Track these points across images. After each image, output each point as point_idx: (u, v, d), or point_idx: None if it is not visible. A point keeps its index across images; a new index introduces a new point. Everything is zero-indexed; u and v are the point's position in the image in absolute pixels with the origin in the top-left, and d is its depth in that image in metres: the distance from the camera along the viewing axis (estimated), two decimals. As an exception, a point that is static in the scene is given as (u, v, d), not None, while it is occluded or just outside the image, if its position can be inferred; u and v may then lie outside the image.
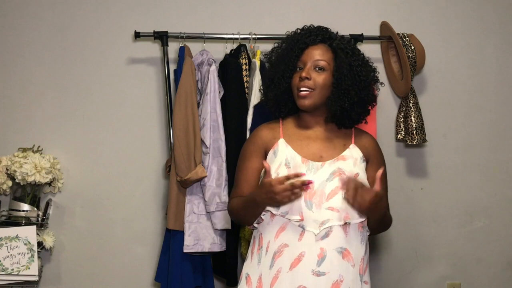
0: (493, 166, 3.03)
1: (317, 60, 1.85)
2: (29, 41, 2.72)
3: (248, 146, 1.91)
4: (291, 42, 1.89)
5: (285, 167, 1.79)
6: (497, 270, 3.05)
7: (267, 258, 1.78)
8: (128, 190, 2.79)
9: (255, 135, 1.91)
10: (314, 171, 1.79)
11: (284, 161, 1.81)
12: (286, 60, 1.87)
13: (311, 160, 1.82)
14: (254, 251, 1.84)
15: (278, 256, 1.76)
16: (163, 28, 2.61)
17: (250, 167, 1.87)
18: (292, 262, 1.74)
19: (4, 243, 2.50)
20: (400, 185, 2.97)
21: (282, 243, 1.76)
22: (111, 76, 2.77)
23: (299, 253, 1.74)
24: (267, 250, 1.78)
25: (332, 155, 1.84)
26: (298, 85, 1.84)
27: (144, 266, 2.81)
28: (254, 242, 1.86)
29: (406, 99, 2.81)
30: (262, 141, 1.88)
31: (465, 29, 2.98)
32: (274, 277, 1.75)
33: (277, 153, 1.84)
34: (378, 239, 2.97)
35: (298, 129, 1.90)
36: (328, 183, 1.77)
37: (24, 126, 2.73)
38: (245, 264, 1.87)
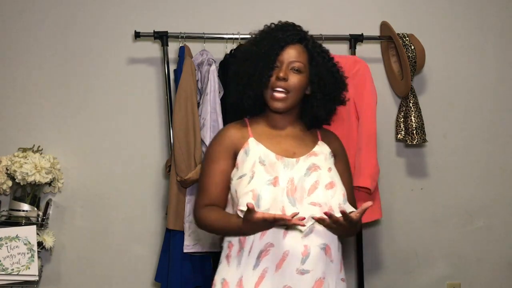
0: (493, 166, 3.03)
1: (294, 61, 1.80)
2: (29, 41, 2.72)
3: (215, 147, 1.83)
4: (269, 38, 1.82)
5: (260, 164, 1.76)
6: (497, 270, 3.05)
7: (250, 259, 1.72)
8: (128, 190, 2.79)
9: (222, 136, 1.84)
10: (291, 167, 1.78)
11: (258, 159, 1.77)
12: (265, 57, 1.79)
13: (285, 157, 1.80)
14: (232, 254, 1.77)
15: (265, 255, 1.71)
16: (163, 28, 2.61)
17: (218, 170, 1.80)
18: (277, 262, 1.70)
19: (4, 243, 2.50)
20: (400, 185, 2.97)
21: (268, 242, 1.71)
22: (111, 76, 2.77)
23: (283, 252, 1.70)
24: (250, 251, 1.72)
25: (304, 151, 1.83)
26: (273, 85, 1.79)
27: (144, 266, 2.81)
28: (231, 245, 1.78)
29: (406, 99, 2.81)
30: (230, 141, 1.82)
31: (465, 29, 2.98)
32: (260, 277, 1.70)
33: (248, 152, 1.79)
34: (378, 239, 2.97)
35: (267, 128, 1.87)
36: (307, 178, 1.76)
37: (24, 126, 2.73)
38: (220, 269, 1.79)
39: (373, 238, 2.96)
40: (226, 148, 1.81)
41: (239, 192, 1.73)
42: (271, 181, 1.72)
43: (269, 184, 1.71)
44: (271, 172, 1.74)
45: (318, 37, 2.69)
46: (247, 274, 1.71)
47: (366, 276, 2.88)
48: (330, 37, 2.73)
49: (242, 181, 1.74)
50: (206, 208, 1.80)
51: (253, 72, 1.80)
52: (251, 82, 1.81)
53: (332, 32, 2.76)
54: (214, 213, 1.78)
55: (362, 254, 2.81)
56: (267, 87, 1.80)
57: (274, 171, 1.75)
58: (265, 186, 1.71)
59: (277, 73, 1.78)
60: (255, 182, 1.72)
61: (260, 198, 1.69)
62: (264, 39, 1.83)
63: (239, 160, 1.79)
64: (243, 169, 1.77)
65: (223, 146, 1.81)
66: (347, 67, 2.65)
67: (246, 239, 1.73)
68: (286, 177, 1.74)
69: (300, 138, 1.88)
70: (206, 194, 1.80)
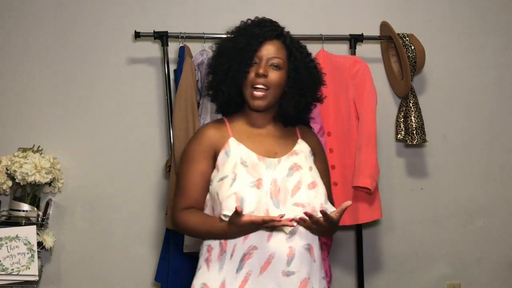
0: (493, 166, 3.03)
1: (273, 57, 1.76)
2: (29, 41, 2.72)
3: (193, 148, 1.77)
4: (246, 34, 1.77)
5: (242, 166, 1.71)
6: (497, 270, 3.05)
7: (232, 262, 1.67)
8: (128, 190, 2.79)
9: (201, 136, 1.78)
10: (273, 167, 1.74)
11: (239, 160, 1.72)
12: (243, 53, 1.75)
13: (267, 157, 1.76)
14: (212, 258, 1.72)
15: (248, 258, 1.67)
16: (163, 28, 2.61)
17: (198, 171, 1.74)
18: (262, 265, 1.67)
19: (4, 243, 2.50)
20: (400, 185, 2.97)
21: (251, 244, 1.67)
22: (111, 76, 2.77)
23: (268, 255, 1.67)
24: (233, 254, 1.67)
25: (285, 151, 1.80)
26: (253, 82, 1.74)
27: (144, 266, 2.81)
28: (210, 249, 1.73)
29: (406, 99, 2.81)
30: (210, 141, 1.76)
31: (465, 29, 2.98)
32: (244, 280, 1.67)
33: (229, 153, 1.74)
34: (378, 239, 2.97)
35: (247, 127, 1.82)
36: (289, 178, 1.73)
37: (24, 126, 2.73)
38: (199, 274, 1.75)
39: (373, 238, 2.96)
40: (206, 148, 1.75)
41: (222, 195, 1.67)
42: (254, 183, 1.68)
43: (252, 187, 1.67)
44: (253, 173, 1.70)
45: (318, 37, 2.70)
46: (230, 278, 1.68)
47: (366, 276, 2.88)
48: (330, 37, 2.74)
49: (224, 184, 1.68)
50: (186, 211, 1.74)
51: (229, 68, 1.75)
52: (226, 78, 1.76)
53: (332, 32, 2.77)
54: (196, 216, 1.73)
55: (362, 254, 2.81)
56: (246, 84, 1.76)
57: (256, 173, 1.71)
58: (249, 188, 1.67)
59: (257, 70, 1.74)
60: (237, 185, 1.67)
61: (243, 201, 1.64)
62: (241, 35, 1.78)
63: (220, 161, 1.74)
64: (224, 171, 1.71)
65: (203, 146, 1.75)
66: (347, 67, 2.67)
67: (227, 242, 1.68)
68: (269, 178, 1.71)
69: (280, 136, 1.84)
70: (185, 196, 1.74)
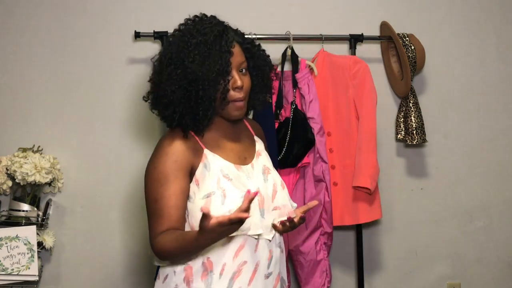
0: (493, 166, 3.03)
1: (240, 62, 1.60)
2: (29, 41, 2.72)
3: (168, 166, 1.57)
4: (215, 36, 1.58)
5: (226, 179, 1.59)
6: (497, 270, 3.05)
7: (222, 282, 1.58)
8: (128, 190, 2.79)
9: (174, 153, 1.58)
10: (250, 175, 1.66)
11: (221, 173, 1.60)
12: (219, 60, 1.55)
13: (242, 165, 1.66)
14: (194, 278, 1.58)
15: (237, 275, 1.59)
16: (163, 28, 2.61)
17: (177, 190, 1.56)
18: (250, 276, 1.61)
19: (4, 243, 2.50)
20: (400, 185, 2.97)
21: (241, 261, 1.60)
22: (111, 76, 2.77)
23: (255, 264, 1.62)
24: (222, 274, 1.58)
25: (252, 153, 1.72)
26: (232, 97, 1.58)
27: (144, 266, 2.81)
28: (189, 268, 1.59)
29: (406, 99, 2.81)
30: (185, 158, 1.58)
31: (465, 29, 2.98)
32: None
33: (209, 166, 1.60)
34: (378, 239, 2.97)
35: (213, 135, 1.66)
36: (267, 184, 1.68)
37: (24, 126, 2.73)
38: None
39: (373, 238, 2.96)
40: (183, 165, 1.57)
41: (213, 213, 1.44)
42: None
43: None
44: (240, 186, 1.61)
45: (318, 37, 2.70)
46: None
47: (366, 276, 2.88)
48: (330, 37, 2.74)
49: (213, 201, 1.56)
50: (162, 234, 1.55)
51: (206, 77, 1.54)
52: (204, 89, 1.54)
53: (332, 32, 2.77)
54: (169, 236, 1.53)
55: (362, 254, 2.81)
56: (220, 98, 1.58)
57: (242, 185, 1.61)
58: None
59: (234, 83, 1.58)
60: (230, 202, 1.56)
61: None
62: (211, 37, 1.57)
63: (199, 176, 1.59)
64: (207, 187, 1.58)
65: (178, 163, 1.57)
66: (347, 67, 2.67)
67: (213, 261, 1.58)
68: (254, 189, 1.59)
69: (240, 138, 1.73)
70: (165, 220, 1.55)
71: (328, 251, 2.68)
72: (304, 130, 2.56)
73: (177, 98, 1.57)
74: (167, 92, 1.57)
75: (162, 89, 1.59)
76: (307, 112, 2.58)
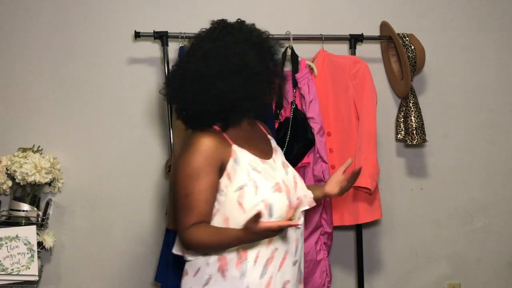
0: (493, 166, 3.03)
1: None
2: (29, 41, 2.72)
3: (199, 162, 1.66)
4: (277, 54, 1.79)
5: (255, 172, 1.71)
6: (497, 270, 3.05)
7: (256, 268, 1.69)
8: (128, 190, 2.79)
9: (205, 149, 1.67)
10: (274, 168, 1.79)
11: (249, 166, 1.71)
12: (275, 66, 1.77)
13: (266, 159, 1.78)
14: (229, 267, 1.70)
15: (270, 262, 1.71)
16: (163, 28, 2.61)
17: (208, 185, 1.66)
18: (280, 262, 1.73)
19: (4, 243, 2.50)
20: (400, 185, 2.97)
21: (273, 248, 1.71)
22: (111, 76, 2.77)
23: (284, 252, 1.73)
24: (257, 260, 1.69)
25: (271, 149, 1.86)
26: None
27: (144, 266, 2.81)
28: (223, 258, 1.70)
29: (406, 99, 2.81)
30: (216, 153, 1.67)
31: (465, 29, 2.98)
32: (267, 284, 1.70)
33: (238, 160, 1.70)
34: (378, 239, 2.97)
35: (238, 132, 1.76)
36: (288, 176, 1.80)
37: (24, 126, 2.73)
38: (210, 284, 1.71)
39: (373, 238, 2.96)
40: (213, 160, 1.67)
41: (247, 204, 1.67)
42: (274, 188, 1.71)
43: (274, 192, 1.70)
44: (268, 178, 1.72)
45: (318, 37, 2.70)
46: (253, 284, 1.69)
47: (366, 276, 2.88)
48: (330, 37, 2.74)
49: (246, 192, 1.68)
50: (195, 226, 1.66)
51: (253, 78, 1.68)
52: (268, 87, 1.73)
53: (332, 32, 2.77)
54: (206, 230, 1.66)
55: (362, 254, 2.81)
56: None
57: (270, 177, 1.73)
58: (273, 194, 1.69)
59: None
60: (262, 192, 1.68)
61: (272, 207, 1.67)
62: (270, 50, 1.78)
63: (230, 170, 1.69)
64: (238, 179, 1.69)
65: (210, 159, 1.66)
66: (347, 67, 2.67)
67: (248, 249, 1.69)
68: (280, 180, 1.74)
69: (258, 135, 1.86)
70: (196, 213, 1.66)
71: (328, 251, 2.68)
72: (304, 130, 2.56)
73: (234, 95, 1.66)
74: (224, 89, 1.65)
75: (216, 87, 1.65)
76: (307, 112, 2.57)
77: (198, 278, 1.72)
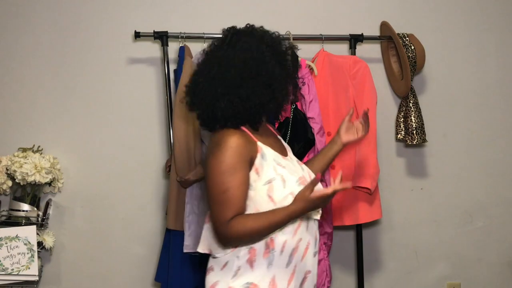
0: (493, 166, 3.03)
1: None
2: (29, 41, 2.72)
3: (233, 158, 1.73)
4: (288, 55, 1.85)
5: (280, 167, 1.79)
6: (497, 270, 3.05)
7: (282, 257, 1.76)
8: (128, 190, 2.79)
9: (237, 146, 1.73)
10: (294, 164, 1.87)
11: (275, 162, 1.79)
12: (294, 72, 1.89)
13: (285, 156, 1.88)
14: (257, 257, 1.76)
15: (295, 252, 1.78)
16: (163, 28, 2.61)
17: (242, 180, 1.74)
18: (303, 253, 1.80)
19: (4, 243, 2.50)
20: (400, 185, 2.97)
21: (298, 238, 1.78)
22: (111, 76, 2.77)
23: (307, 242, 1.80)
24: (283, 250, 1.76)
25: (285, 148, 1.96)
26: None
27: (144, 266, 2.81)
28: (253, 250, 1.76)
29: (406, 99, 2.81)
30: (246, 150, 1.74)
31: (465, 29, 2.98)
32: (292, 273, 1.77)
33: (265, 156, 1.78)
34: (378, 239, 2.97)
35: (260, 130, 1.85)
36: (304, 173, 1.87)
37: (24, 126, 2.73)
38: (240, 274, 1.76)
39: (373, 238, 2.96)
40: (244, 156, 1.74)
41: (277, 197, 1.74)
42: (299, 181, 1.79)
43: (299, 185, 1.77)
44: (293, 172, 1.80)
45: (318, 37, 2.70)
46: (279, 273, 1.76)
47: (366, 276, 2.88)
48: (330, 37, 2.74)
49: (275, 186, 1.75)
50: (235, 218, 1.72)
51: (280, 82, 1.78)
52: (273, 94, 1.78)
53: (332, 32, 2.77)
54: (250, 217, 1.73)
55: (362, 254, 2.81)
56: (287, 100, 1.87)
57: (294, 171, 1.81)
58: (298, 186, 1.76)
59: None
60: (290, 185, 1.76)
61: None
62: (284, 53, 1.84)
63: (258, 165, 1.77)
64: (266, 174, 1.76)
65: (242, 154, 1.73)
66: (347, 67, 2.67)
67: (275, 240, 1.75)
68: (301, 174, 1.83)
69: (272, 134, 1.95)
70: (234, 207, 1.72)
71: (328, 251, 2.68)
72: (304, 130, 2.56)
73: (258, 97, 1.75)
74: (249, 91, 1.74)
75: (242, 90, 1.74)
76: (307, 112, 2.57)
77: (226, 271, 1.78)
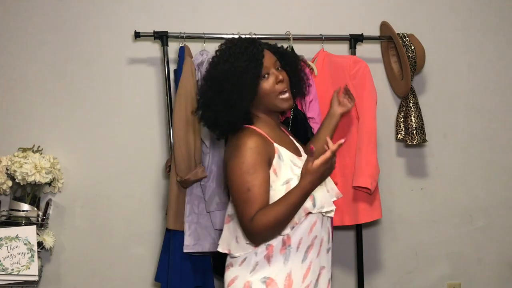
0: (493, 166, 3.03)
1: (274, 61, 1.90)
2: (29, 40, 2.72)
3: (254, 159, 1.79)
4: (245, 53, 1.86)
5: (297, 167, 1.84)
6: (497, 270, 3.06)
7: (298, 254, 1.82)
8: (128, 190, 2.79)
9: (256, 146, 1.81)
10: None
11: (291, 162, 1.85)
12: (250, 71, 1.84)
13: (300, 156, 1.92)
14: (274, 253, 1.82)
15: (311, 248, 1.83)
16: (163, 28, 2.61)
17: (264, 179, 1.79)
18: (319, 249, 1.86)
19: (4, 243, 2.50)
20: (400, 185, 2.97)
21: (314, 235, 1.84)
22: (111, 76, 2.77)
23: (321, 240, 1.86)
24: (299, 247, 1.82)
25: (299, 147, 2.01)
26: (278, 89, 1.87)
27: (144, 266, 2.81)
28: (270, 247, 1.82)
29: (406, 99, 2.81)
30: (264, 150, 1.81)
31: (465, 29, 2.98)
32: (307, 268, 1.83)
33: (282, 157, 1.84)
34: (378, 239, 2.97)
35: (273, 131, 1.92)
36: None
37: (24, 126, 2.73)
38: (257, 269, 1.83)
39: (373, 238, 2.96)
40: (264, 156, 1.80)
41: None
42: None
43: None
44: None
45: (318, 37, 2.70)
46: (295, 269, 1.82)
47: (366, 276, 2.88)
48: (330, 37, 2.74)
49: (292, 186, 1.78)
50: (257, 213, 1.76)
51: (241, 86, 1.83)
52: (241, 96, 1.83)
53: (332, 32, 2.77)
54: (270, 206, 1.76)
55: (362, 254, 2.81)
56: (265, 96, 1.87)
57: None
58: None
59: (276, 78, 1.87)
60: None
61: (315, 199, 1.81)
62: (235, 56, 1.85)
63: (276, 166, 1.82)
64: (284, 174, 1.82)
65: (262, 154, 1.79)
66: (347, 67, 2.67)
67: (292, 237, 1.81)
68: None
69: (286, 135, 1.99)
70: (258, 204, 1.76)
71: (328, 251, 2.68)
72: (304, 130, 2.56)
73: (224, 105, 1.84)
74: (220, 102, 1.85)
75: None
76: (307, 112, 2.57)
77: (244, 266, 1.85)
